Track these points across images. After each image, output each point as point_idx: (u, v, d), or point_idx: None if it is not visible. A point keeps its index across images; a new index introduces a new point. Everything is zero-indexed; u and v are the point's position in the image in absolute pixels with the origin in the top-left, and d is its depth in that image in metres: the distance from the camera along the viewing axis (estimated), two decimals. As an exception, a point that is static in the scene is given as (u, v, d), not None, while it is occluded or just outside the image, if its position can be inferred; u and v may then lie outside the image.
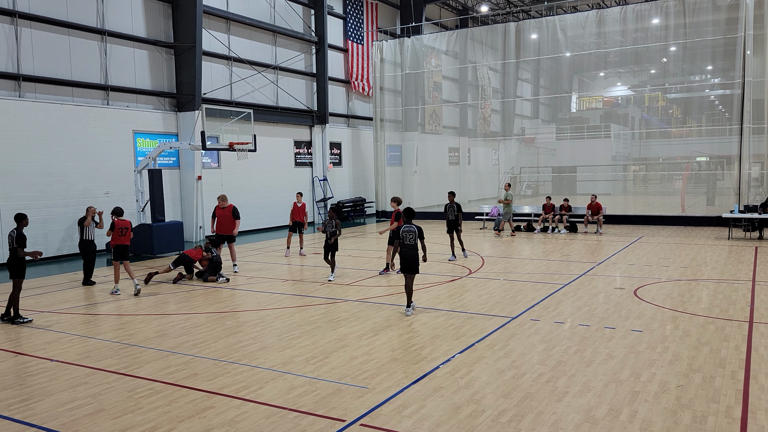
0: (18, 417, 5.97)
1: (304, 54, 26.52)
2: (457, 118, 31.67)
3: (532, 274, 13.44)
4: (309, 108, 26.90)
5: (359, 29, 30.00)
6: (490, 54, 28.80)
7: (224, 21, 22.54)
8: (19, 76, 16.32)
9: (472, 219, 25.50)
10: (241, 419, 5.78)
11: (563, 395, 6.21)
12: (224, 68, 22.62)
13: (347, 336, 8.59)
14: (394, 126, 30.08)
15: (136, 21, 19.53)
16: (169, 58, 20.62)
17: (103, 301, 11.62)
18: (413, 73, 29.13)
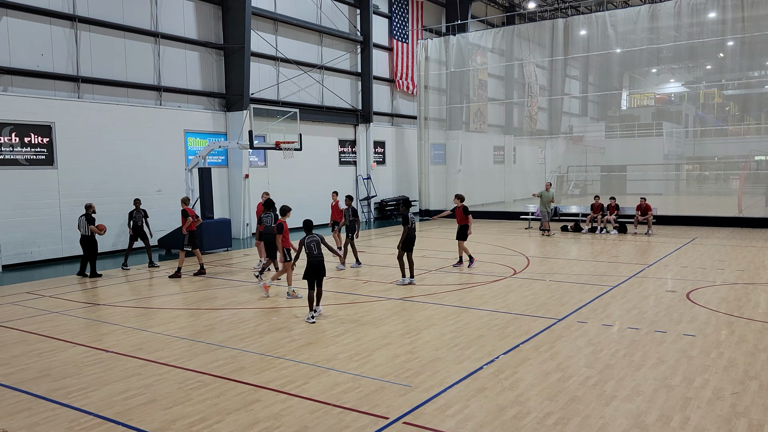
0: (76, 405, 6.24)
1: (349, 53, 26.70)
2: (503, 116, 31.29)
3: (579, 275, 13.17)
4: (353, 107, 27.06)
5: (404, 28, 29.99)
6: (538, 51, 28.33)
7: (272, 22, 22.91)
8: (78, 78, 17.00)
9: (517, 219, 25.19)
10: (287, 413, 5.87)
11: (611, 399, 6.08)
12: (271, 68, 22.99)
13: (390, 334, 8.62)
14: (438, 124, 29.96)
15: (188, 23, 20.06)
16: (218, 59, 21.10)
17: (155, 294, 12.00)
18: (458, 71, 28.94)
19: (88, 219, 13.70)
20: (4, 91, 15.46)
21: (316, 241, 9.50)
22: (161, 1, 19.13)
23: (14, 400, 6.42)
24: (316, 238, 9.54)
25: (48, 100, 16.30)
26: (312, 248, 9.46)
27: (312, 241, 9.50)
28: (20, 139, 15.75)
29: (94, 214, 13.97)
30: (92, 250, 13.90)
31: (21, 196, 15.69)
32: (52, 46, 16.43)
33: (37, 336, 9.02)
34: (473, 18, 33.06)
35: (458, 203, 14.19)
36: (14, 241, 15.60)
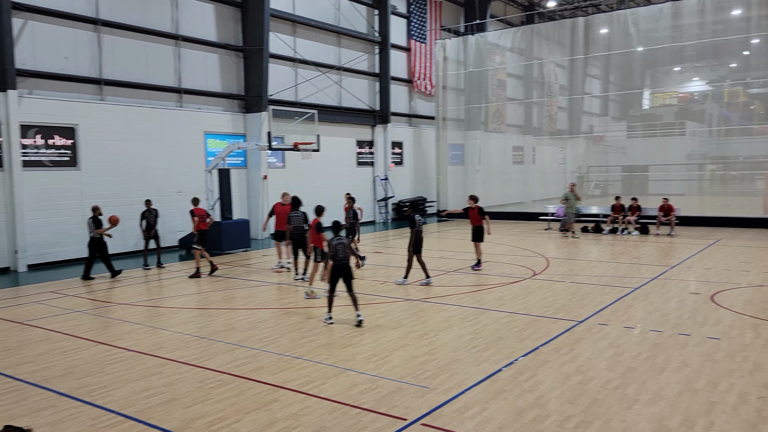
0: (98, 402, 6.32)
1: (367, 54, 26.73)
2: (522, 116, 31.09)
3: (599, 276, 13.02)
4: (371, 108, 27.09)
5: (422, 28, 29.94)
6: (557, 50, 28.10)
7: (290, 24, 23.02)
8: (101, 81, 17.25)
9: (536, 219, 25.00)
10: (305, 413, 5.89)
11: (633, 403, 5.99)
12: (290, 70, 23.10)
13: (408, 335, 8.60)
14: (456, 125, 29.85)
15: (208, 26, 20.25)
16: (237, 61, 21.26)
17: (175, 294, 12.12)
18: (477, 71, 28.81)
19: (95, 221, 13.80)
20: (29, 93, 15.75)
21: (343, 244, 9.40)
22: (182, 4, 19.33)
23: (39, 397, 6.53)
24: (344, 241, 9.44)
25: (72, 103, 16.57)
26: (338, 250, 9.35)
27: (339, 243, 9.39)
28: (45, 141, 16.03)
29: (100, 216, 14.01)
30: (103, 251, 13.94)
31: (45, 197, 15.96)
32: (75, 49, 16.69)
33: (60, 334, 9.16)
34: (492, 17, 32.90)
35: (472, 204, 14.12)
36: (39, 241, 15.87)
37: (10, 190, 15.24)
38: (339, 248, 9.32)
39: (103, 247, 13.99)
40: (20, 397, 6.55)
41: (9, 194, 15.25)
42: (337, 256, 9.30)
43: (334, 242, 9.37)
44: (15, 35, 15.33)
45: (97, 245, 13.91)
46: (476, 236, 14.04)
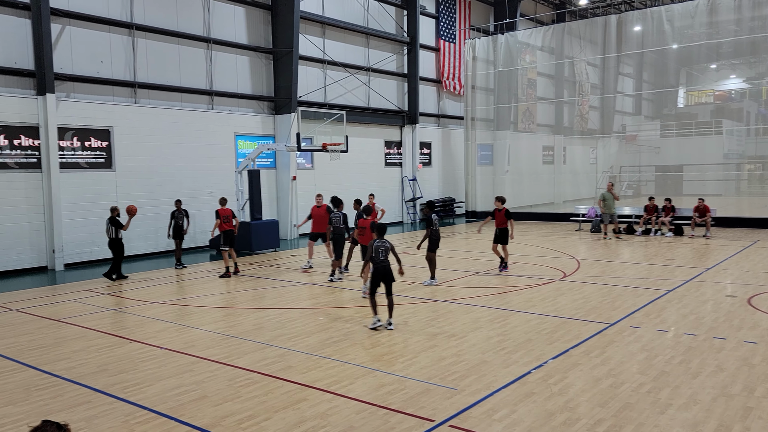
0: (132, 399, 6.46)
1: (395, 55, 26.74)
2: (553, 116, 30.74)
3: (632, 278, 12.79)
4: (399, 108, 27.09)
5: (451, 28, 29.83)
6: (589, 48, 27.69)
7: (320, 25, 23.18)
8: (135, 84, 17.63)
9: (567, 220, 24.68)
10: (333, 413, 5.92)
11: (666, 407, 5.86)
12: (319, 71, 23.26)
13: (436, 336, 8.58)
14: (485, 125, 29.65)
15: (239, 28, 20.52)
16: (267, 63, 21.50)
17: (206, 294, 12.31)
18: (506, 71, 28.56)
19: (112, 222, 13.84)
20: (67, 97, 16.18)
21: (384, 247, 9.16)
22: (213, 8, 19.64)
23: (75, 393, 6.70)
24: (386, 244, 9.19)
25: (107, 106, 16.97)
26: (379, 253, 9.13)
27: (381, 246, 9.16)
28: (81, 143, 16.45)
29: (118, 216, 14.07)
30: (120, 252, 14.02)
31: (81, 197, 16.38)
32: (111, 53, 17.10)
33: (95, 332, 9.39)
34: (522, 16, 32.60)
35: (499, 206, 13.88)
36: (75, 240, 16.29)
37: (48, 191, 15.68)
38: (380, 250, 9.12)
39: (121, 249, 14.07)
40: (57, 392, 6.73)
41: (47, 195, 15.70)
42: (377, 259, 9.10)
43: (375, 244, 9.16)
44: (53, 40, 15.77)
45: (116, 245, 13.96)
46: (500, 238, 13.81)
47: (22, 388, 6.89)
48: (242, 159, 19.63)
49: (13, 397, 6.61)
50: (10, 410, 6.25)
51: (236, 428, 5.64)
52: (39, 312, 10.94)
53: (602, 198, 19.90)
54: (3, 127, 15.00)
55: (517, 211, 27.54)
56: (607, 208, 19.70)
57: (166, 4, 18.38)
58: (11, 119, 15.14)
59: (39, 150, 15.64)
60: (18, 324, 10.04)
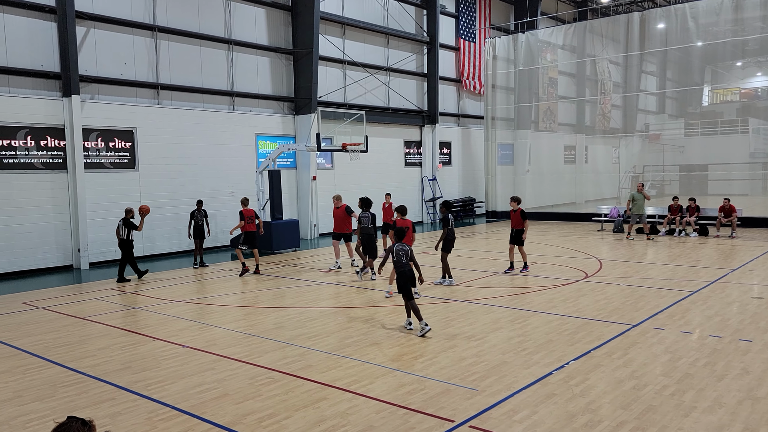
0: (155, 396, 6.54)
1: (415, 54, 26.71)
2: (574, 115, 30.40)
3: (655, 279, 12.61)
4: (419, 108, 27.05)
5: (471, 27, 29.70)
6: (611, 46, 27.35)
7: (339, 26, 23.24)
8: (158, 85, 17.85)
9: (588, 220, 24.42)
10: (353, 412, 5.93)
11: (690, 410, 5.77)
12: (338, 72, 23.33)
13: (456, 336, 8.55)
14: (505, 124, 29.47)
15: (259, 30, 20.67)
16: (288, 63, 21.62)
17: (228, 293, 12.42)
18: (527, 70, 28.35)
19: (126, 223, 13.91)
20: (91, 98, 16.45)
21: (405, 251, 9.02)
22: (234, 9, 19.81)
23: (99, 390, 6.81)
24: (406, 248, 9.07)
25: (130, 107, 17.22)
26: (400, 257, 9.01)
27: (401, 249, 9.03)
28: (105, 144, 16.71)
29: (132, 218, 14.11)
30: (129, 253, 14.03)
31: (106, 197, 16.63)
32: (134, 55, 17.34)
33: (119, 330, 9.53)
34: (543, 15, 32.33)
35: (514, 206, 13.70)
36: (100, 240, 16.55)
37: (73, 192, 15.96)
38: (401, 254, 8.98)
39: (131, 250, 14.06)
40: (82, 389, 6.85)
41: (72, 195, 15.98)
42: (399, 263, 8.96)
43: (395, 248, 9.06)
44: (78, 43, 16.04)
45: (127, 247, 13.97)
46: (516, 239, 13.61)
47: (49, 385, 7.02)
48: (263, 159, 19.76)
49: (40, 394, 6.74)
50: (37, 406, 6.38)
51: (257, 426, 5.69)
52: (64, 310, 11.14)
53: (631, 198, 19.55)
54: (30, 128, 15.31)
55: (538, 211, 27.37)
56: (637, 208, 19.34)
57: (188, 6, 18.59)
58: (38, 121, 15.44)
59: (64, 151, 15.93)
60: (44, 322, 10.24)
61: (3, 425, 5.89)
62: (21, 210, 15.21)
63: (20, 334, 9.45)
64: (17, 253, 15.20)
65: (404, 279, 8.94)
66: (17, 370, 7.60)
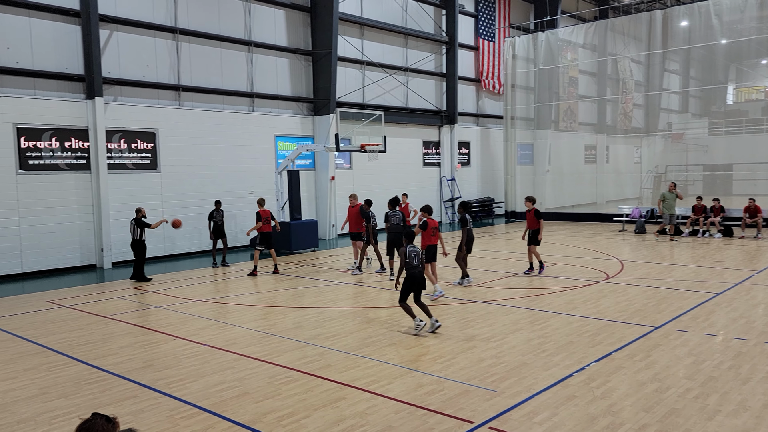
0: (176, 394, 6.62)
1: (434, 54, 26.66)
2: (595, 114, 30.10)
3: (678, 280, 12.43)
4: (438, 108, 26.99)
5: (491, 26, 29.55)
6: (633, 45, 27.01)
7: (358, 26, 23.29)
8: (179, 87, 18.06)
9: (610, 221, 24.16)
10: (371, 412, 5.94)
11: (714, 414, 5.68)
12: (357, 72, 23.37)
13: (474, 337, 8.51)
14: (525, 124, 29.28)
15: (279, 31, 20.80)
16: (307, 64, 21.72)
17: (247, 292, 12.52)
18: (547, 69, 28.13)
19: (138, 223, 13.92)
20: (114, 100, 16.69)
21: (417, 252, 8.93)
22: (254, 11, 19.95)
23: (122, 387, 6.91)
24: (417, 249, 8.99)
25: (152, 108, 17.43)
26: (413, 258, 8.82)
27: (413, 251, 8.91)
28: (128, 145, 16.95)
29: (143, 218, 14.12)
30: (142, 253, 14.09)
31: (128, 198, 16.86)
32: (156, 57, 17.56)
33: (141, 329, 9.66)
34: (563, 13, 32.06)
35: (529, 206, 13.56)
36: (122, 239, 16.75)
37: (96, 192, 16.21)
38: (414, 256, 8.86)
39: (143, 250, 14.10)
40: (105, 387, 6.95)
41: (96, 196, 16.23)
42: (411, 265, 8.84)
43: (408, 250, 8.84)
44: (102, 45, 16.29)
45: (139, 247, 14.03)
46: (531, 240, 13.42)
47: (73, 382, 7.14)
48: (282, 160, 19.88)
49: (65, 391, 6.85)
50: (62, 403, 6.49)
51: (277, 425, 5.72)
52: (88, 309, 11.32)
53: (662, 198, 19.21)
54: (55, 130, 15.58)
55: (558, 211, 27.14)
56: (668, 208, 19.04)
57: (209, 9, 18.77)
58: (62, 122, 15.71)
59: (88, 152, 16.18)
60: (69, 320, 10.41)
61: (29, 421, 6.00)
62: (46, 210, 15.49)
63: (45, 331, 9.62)
64: (42, 253, 15.48)
65: (413, 282, 8.83)
66: (43, 368, 7.74)
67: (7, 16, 14.82)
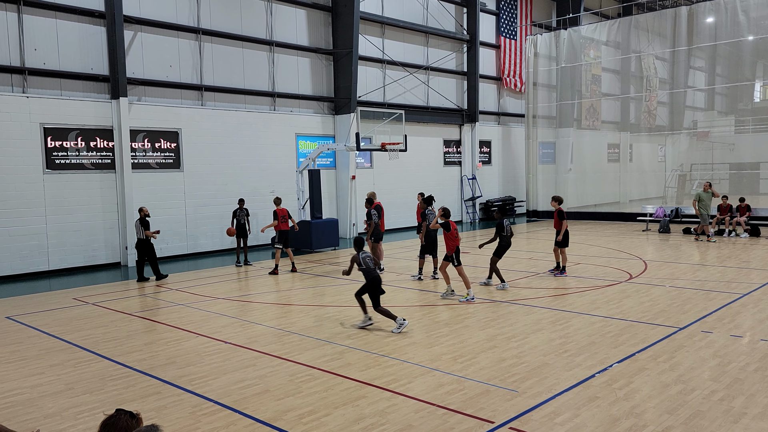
0: (198, 391, 6.70)
1: (455, 53, 26.56)
2: (618, 112, 29.71)
3: (703, 281, 12.22)
4: (459, 107, 26.88)
5: (512, 24, 29.34)
6: (657, 42, 26.60)
7: (379, 25, 23.30)
8: (202, 87, 18.25)
9: (633, 220, 23.84)
10: (392, 411, 5.94)
11: (740, 416, 5.58)
12: (378, 71, 23.38)
13: (495, 337, 8.47)
14: (547, 122, 29.02)
15: (300, 30, 20.90)
16: (327, 64, 21.79)
17: (268, 291, 12.61)
18: (569, 67, 27.85)
19: (142, 222, 13.99)
20: (138, 100, 16.93)
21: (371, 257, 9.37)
22: (276, 11, 20.07)
23: (146, 384, 7.01)
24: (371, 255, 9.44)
25: (175, 108, 17.65)
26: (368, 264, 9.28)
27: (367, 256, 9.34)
28: (151, 144, 17.18)
29: (147, 217, 14.20)
30: (150, 253, 14.06)
31: (152, 197, 17.09)
32: (179, 57, 17.77)
33: (164, 326, 9.79)
34: (586, 11, 31.70)
35: (555, 206, 13.24)
36: (146, 238, 17.00)
37: (121, 191, 16.47)
38: (368, 262, 9.27)
39: (150, 250, 14.11)
40: (129, 383, 7.06)
41: (120, 195, 16.48)
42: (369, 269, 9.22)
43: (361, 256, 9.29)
44: (126, 46, 16.53)
45: (145, 247, 14.04)
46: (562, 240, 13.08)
47: (98, 378, 7.26)
48: (303, 159, 19.98)
49: (90, 386, 6.98)
50: (87, 398, 6.60)
51: (297, 422, 5.76)
52: (113, 306, 11.51)
53: (698, 198, 18.85)
54: (80, 129, 15.86)
55: (580, 210, 26.86)
56: (704, 208, 18.70)
57: (231, 9, 18.93)
58: (88, 122, 15.98)
59: (113, 151, 16.44)
60: (94, 317, 10.59)
61: (56, 416, 6.12)
62: (72, 209, 15.77)
63: (71, 328, 9.80)
64: (68, 251, 15.77)
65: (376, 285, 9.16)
66: (68, 364, 7.88)
67: (34, 18, 15.12)
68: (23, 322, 10.27)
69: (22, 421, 5.90)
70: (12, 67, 14.78)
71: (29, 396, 6.72)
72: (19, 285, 14.12)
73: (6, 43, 14.70)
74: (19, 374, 7.49)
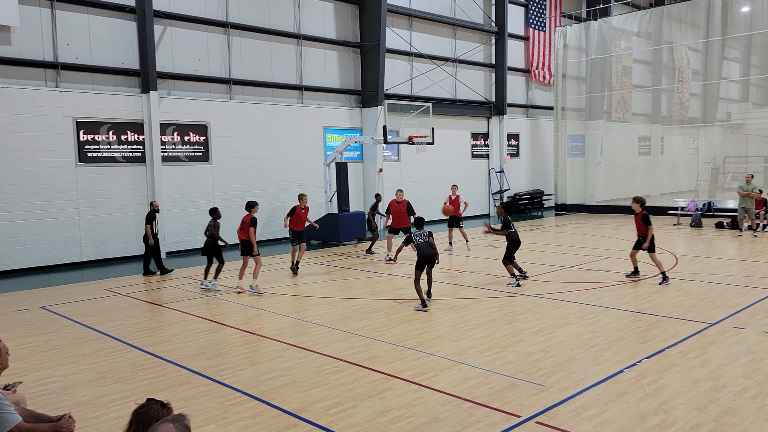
0: (227, 382, 6.80)
1: (483, 45, 26.31)
2: (649, 105, 29.10)
3: (736, 276, 11.94)
4: (487, 99, 26.66)
5: (541, 16, 28.93)
6: (690, 32, 25.96)
7: (406, 18, 23.20)
8: (230, 80, 18.43)
9: (664, 214, 23.39)
10: (418, 404, 5.96)
11: (774, 416, 5.45)
12: (405, 64, 23.31)
13: (523, 331, 8.41)
14: (576, 115, 28.59)
15: (327, 24, 20.94)
16: (355, 57, 21.79)
17: (295, 283, 12.72)
18: (599, 58, 27.36)
19: (148, 216, 13.96)
20: (168, 94, 17.18)
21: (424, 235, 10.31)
22: (303, 4, 20.14)
23: (175, 374, 7.14)
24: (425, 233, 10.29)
25: (204, 102, 17.86)
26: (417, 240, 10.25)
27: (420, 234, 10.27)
28: (181, 137, 17.43)
29: (157, 211, 14.15)
30: (153, 248, 13.97)
31: (181, 189, 17.36)
32: (208, 51, 17.96)
33: (194, 317, 9.95)
34: (617, 1, 31.08)
35: (638, 209, 11.71)
36: (175, 230, 17.30)
37: (151, 184, 16.75)
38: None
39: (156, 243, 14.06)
40: (159, 373, 7.20)
41: (150, 187, 16.77)
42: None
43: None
44: (156, 41, 16.77)
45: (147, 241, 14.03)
46: (637, 244, 11.90)
47: (129, 368, 7.43)
48: (330, 152, 20.05)
49: (121, 376, 7.14)
50: (119, 387, 6.76)
51: (324, 414, 5.81)
52: (143, 297, 11.74)
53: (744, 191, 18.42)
54: (112, 123, 16.17)
55: (610, 204, 26.45)
56: (746, 202, 18.31)
57: (259, 3, 19.05)
58: (119, 116, 16.28)
59: (143, 145, 16.73)
60: (125, 308, 10.83)
61: (88, 404, 6.28)
62: (103, 201, 16.10)
63: (103, 318, 10.03)
64: (100, 242, 16.12)
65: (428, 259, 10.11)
66: (101, 353, 8.08)
67: (67, 14, 15.43)
68: (57, 312, 10.54)
69: (55, 408, 6.07)
70: (46, 62, 15.12)
71: (63, 384, 6.91)
72: (53, 275, 14.49)
73: (40, 38, 15.04)
74: (52, 363, 7.70)
